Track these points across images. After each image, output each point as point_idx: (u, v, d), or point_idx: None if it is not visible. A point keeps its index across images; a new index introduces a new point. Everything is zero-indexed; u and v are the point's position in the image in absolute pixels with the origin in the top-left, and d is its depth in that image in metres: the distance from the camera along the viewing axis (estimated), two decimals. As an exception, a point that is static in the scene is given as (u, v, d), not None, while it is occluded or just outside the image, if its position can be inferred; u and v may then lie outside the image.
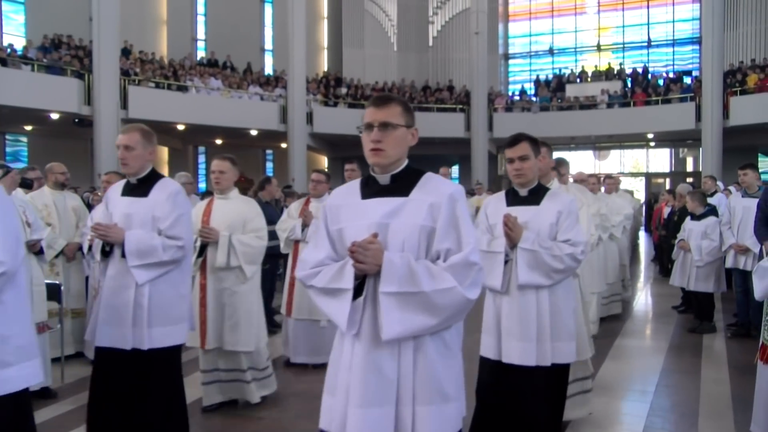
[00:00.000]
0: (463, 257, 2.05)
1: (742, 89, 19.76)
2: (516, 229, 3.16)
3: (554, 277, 3.19)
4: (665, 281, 8.84)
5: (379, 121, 2.14)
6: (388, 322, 1.99)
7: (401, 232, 2.09)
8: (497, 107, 23.71)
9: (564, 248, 3.18)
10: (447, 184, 2.18)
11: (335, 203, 2.27)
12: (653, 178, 24.88)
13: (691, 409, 4.49)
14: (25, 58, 16.58)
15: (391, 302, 2.00)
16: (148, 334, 3.30)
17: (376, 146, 2.14)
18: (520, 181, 3.32)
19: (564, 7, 27.00)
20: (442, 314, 2.02)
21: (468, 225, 2.11)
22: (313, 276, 2.16)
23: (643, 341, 6.78)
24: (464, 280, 2.03)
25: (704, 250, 6.81)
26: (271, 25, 25.55)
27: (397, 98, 2.23)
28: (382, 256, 2.00)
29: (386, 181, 2.19)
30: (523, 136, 3.30)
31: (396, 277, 1.99)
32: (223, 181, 4.45)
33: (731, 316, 7.05)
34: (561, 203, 3.28)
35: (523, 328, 3.19)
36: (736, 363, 5.60)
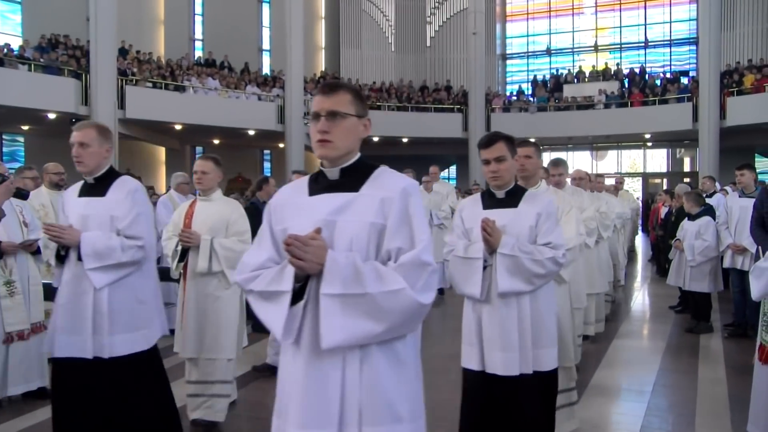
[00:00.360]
0: (415, 256, 1.87)
1: (738, 89, 19.80)
2: (495, 233, 2.99)
3: (536, 282, 3.04)
4: (662, 281, 8.85)
5: (327, 110, 1.96)
6: (329, 328, 1.80)
7: (349, 230, 1.92)
8: (495, 107, 23.74)
9: (545, 252, 3.03)
10: (400, 179, 2.01)
11: (280, 201, 2.10)
12: (650, 178, 24.95)
13: (688, 409, 4.50)
14: (22, 57, 16.54)
15: (333, 305, 1.80)
16: (110, 342, 3.12)
17: (323, 137, 1.96)
18: (496, 184, 3.15)
19: (561, 8, 27.03)
20: (390, 320, 1.82)
21: (422, 222, 1.94)
22: (252, 279, 1.97)
23: (640, 341, 6.79)
24: (415, 281, 1.84)
25: (696, 250, 6.83)
26: (269, 25, 25.54)
27: (346, 85, 2.06)
28: (325, 255, 1.82)
29: (335, 175, 2.02)
30: (498, 135, 3.14)
31: (340, 277, 1.80)
32: (206, 182, 4.21)
33: (728, 316, 7.06)
34: (540, 205, 3.13)
35: (505, 337, 3.05)
36: (733, 363, 5.61)
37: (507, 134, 3.19)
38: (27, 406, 4.51)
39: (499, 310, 3.07)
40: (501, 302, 3.06)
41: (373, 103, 23.08)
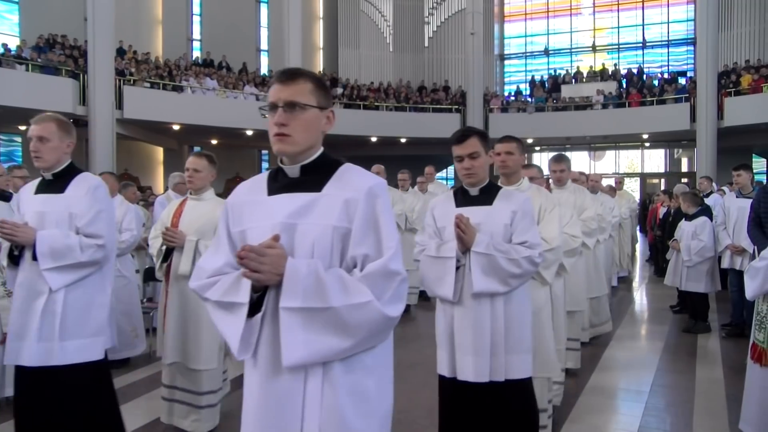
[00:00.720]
0: (382, 265, 1.71)
1: (736, 90, 19.85)
2: (469, 231, 2.84)
3: (511, 283, 2.88)
4: (660, 281, 8.86)
5: (285, 101, 1.78)
6: (291, 345, 1.64)
7: (311, 235, 1.75)
8: (493, 108, 23.76)
9: (521, 251, 2.88)
10: (366, 177, 1.83)
11: (238, 200, 1.92)
12: (648, 178, 25.00)
13: (686, 409, 4.50)
14: (20, 58, 16.52)
15: (294, 320, 1.65)
16: (61, 348, 2.91)
17: (280, 131, 1.78)
18: (470, 181, 3.02)
19: (559, 8, 27.06)
20: (356, 335, 1.68)
21: (390, 226, 1.77)
22: (208, 287, 1.81)
23: (638, 341, 6.80)
24: (383, 292, 1.70)
25: (693, 250, 6.85)
26: (267, 25, 25.54)
27: (307, 72, 1.86)
28: (285, 264, 1.65)
29: (295, 173, 1.85)
30: (471, 131, 3.00)
31: (300, 288, 1.65)
32: (197, 181, 4.01)
33: (726, 316, 7.08)
34: (515, 202, 2.98)
35: (477, 342, 2.88)
36: (730, 363, 5.62)
37: (480, 129, 3.08)
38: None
39: (472, 312, 2.91)
40: (474, 304, 2.91)
41: (371, 103, 23.09)
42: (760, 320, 3.49)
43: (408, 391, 4.57)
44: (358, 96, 23.45)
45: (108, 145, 16.38)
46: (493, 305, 2.92)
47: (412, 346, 5.94)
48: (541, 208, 3.44)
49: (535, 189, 3.57)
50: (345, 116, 22.35)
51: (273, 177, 1.91)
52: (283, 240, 1.73)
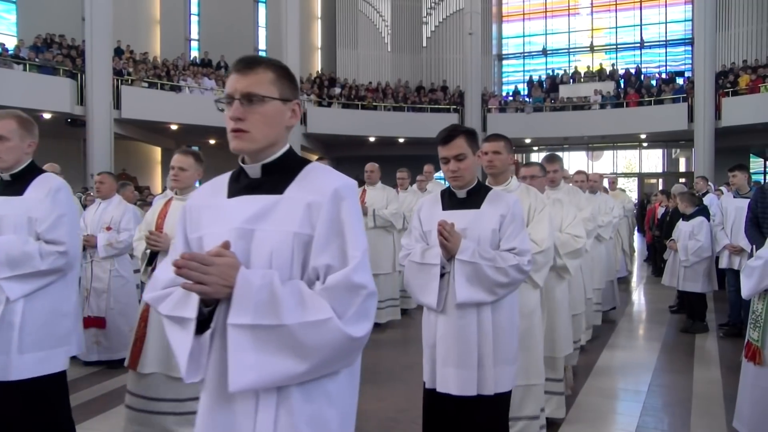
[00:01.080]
0: (344, 277, 1.52)
1: (734, 90, 19.89)
2: (453, 237, 2.67)
3: (498, 292, 2.72)
4: (658, 281, 8.87)
5: (242, 92, 1.61)
6: (238, 366, 1.46)
7: (269, 242, 1.57)
8: (491, 108, 23.78)
9: (508, 258, 2.72)
10: (332, 178, 1.64)
11: (196, 203, 1.75)
12: (646, 178, 25.03)
13: (683, 408, 4.51)
14: (17, 57, 16.50)
15: (243, 338, 1.46)
16: (19, 361, 2.73)
17: (236, 126, 1.61)
18: (456, 185, 2.85)
19: (557, 8, 27.09)
20: (314, 357, 1.48)
21: (357, 233, 1.58)
22: (161, 300, 1.62)
23: (635, 341, 6.81)
24: (345, 309, 1.50)
25: (690, 250, 6.86)
26: (265, 25, 25.53)
27: (268, 60, 1.68)
28: (235, 274, 1.47)
29: (256, 173, 1.68)
30: (458, 130, 2.81)
31: (252, 303, 1.46)
32: (183, 180, 3.79)
33: (724, 316, 7.09)
34: (504, 206, 2.80)
35: (462, 354, 2.72)
36: (728, 362, 5.63)
37: (468, 128, 2.91)
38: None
39: (457, 322, 2.75)
40: (458, 313, 2.75)
41: (370, 103, 23.10)
42: (755, 319, 3.50)
43: (406, 392, 4.58)
44: (356, 96, 23.45)
45: (106, 145, 16.37)
46: (479, 315, 2.76)
47: (411, 349, 5.95)
48: (531, 209, 3.32)
49: (524, 189, 3.42)
50: (343, 116, 22.39)
51: (235, 177, 1.74)
52: (239, 247, 1.56)
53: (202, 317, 1.54)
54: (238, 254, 1.54)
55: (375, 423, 4.15)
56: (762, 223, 5.53)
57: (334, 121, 21.99)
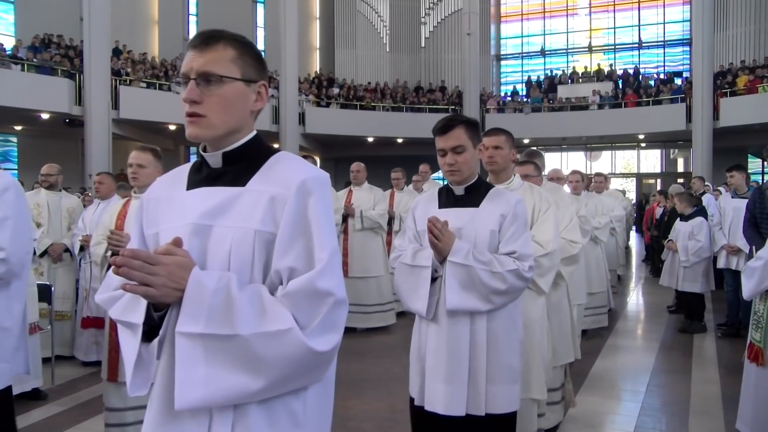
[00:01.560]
0: (308, 283, 1.33)
1: (732, 90, 19.92)
2: (445, 236, 2.43)
3: (494, 300, 2.47)
4: (656, 281, 8.88)
5: (198, 71, 1.42)
6: (186, 381, 1.29)
7: (227, 240, 1.40)
8: (489, 108, 23.79)
9: (507, 263, 2.47)
10: (300, 169, 1.45)
11: (154, 196, 1.57)
12: (644, 178, 25.06)
13: (681, 408, 4.51)
14: (15, 57, 16.48)
15: (193, 349, 1.29)
16: None
17: (192, 109, 1.43)
18: (454, 179, 2.61)
19: (556, 9, 27.13)
20: (272, 373, 1.30)
21: (325, 232, 1.39)
22: (112, 302, 1.47)
23: (634, 341, 6.81)
24: (309, 319, 1.32)
25: (690, 251, 6.87)
26: (263, 26, 25.52)
27: (229, 35, 1.48)
28: (186, 276, 1.30)
29: (217, 162, 1.49)
30: (457, 119, 2.56)
31: (205, 309, 1.28)
32: (142, 177, 3.57)
33: (722, 316, 7.10)
34: (505, 204, 2.56)
35: (452, 368, 2.48)
36: (726, 362, 5.64)
37: (468, 118, 2.66)
38: (21, 407, 4.48)
39: (447, 331, 2.51)
40: (450, 322, 2.50)
41: (368, 103, 23.10)
42: (757, 320, 3.49)
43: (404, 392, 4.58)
44: (355, 96, 23.45)
45: (104, 145, 16.34)
46: (473, 325, 2.51)
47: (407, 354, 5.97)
48: (535, 209, 3.13)
49: (528, 187, 3.20)
50: (341, 116, 22.39)
51: (196, 167, 1.55)
52: (194, 245, 1.39)
53: (153, 323, 1.37)
54: (193, 253, 1.37)
55: (374, 423, 4.15)
56: (760, 224, 5.54)
57: (333, 121, 21.98)
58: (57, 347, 5.38)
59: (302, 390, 1.40)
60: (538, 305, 3.11)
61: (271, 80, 22.22)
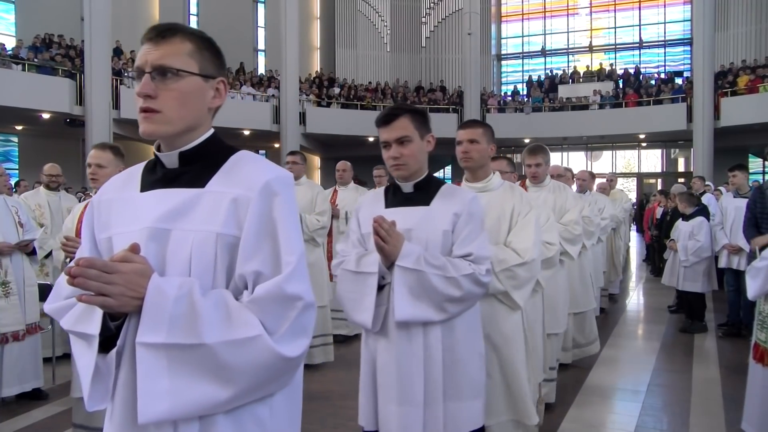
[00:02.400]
0: (276, 287, 1.28)
1: (732, 90, 19.92)
2: (393, 238, 2.16)
3: (448, 309, 2.21)
4: (657, 281, 8.88)
5: (153, 64, 1.36)
6: (149, 394, 1.23)
7: (187, 244, 1.33)
8: (490, 108, 23.79)
9: (461, 267, 2.21)
10: (263, 170, 1.39)
11: (105, 198, 1.49)
12: (645, 178, 25.06)
13: (682, 408, 4.51)
14: (16, 57, 16.49)
15: (156, 360, 1.23)
16: None
17: (146, 104, 1.36)
18: (399, 174, 2.34)
19: (556, 8, 27.13)
20: (240, 381, 1.26)
21: (292, 234, 1.34)
22: (64, 312, 1.40)
23: (635, 341, 6.81)
24: (277, 324, 1.28)
25: (690, 250, 6.87)
26: (264, 25, 25.54)
27: (186, 29, 1.42)
28: (146, 284, 1.24)
29: (173, 162, 1.42)
30: (401, 108, 2.31)
31: (166, 318, 1.23)
32: (102, 178, 3.26)
33: (723, 316, 7.10)
34: (459, 202, 2.30)
35: (405, 386, 2.22)
36: (727, 362, 5.63)
37: (415, 107, 2.42)
38: (21, 407, 4.50)
39: (398, 346, 2.24)
40: (401, 335, 2.23)
41: (369, 103, 23.09)
42: (762, 320, 3.48)
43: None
44: (355, 96, 23.45)
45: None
46: (427, 337, 2.25)
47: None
48: (514, 211, 2.80)
49: (508, 187, 2.91)
50: (342, 116, 22.37)
51: (150, 167, 1.47)
52: (152, 251, 1.32)
53: (109, 332, 1.31)
54: (151, 259, 1.31)
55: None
56: (761, 224, 5.53)
57: (333, 121, 21.98)
58: (58, 347, 5.38)
59: (268, 396, 1.36)
60: (514, 321, 2.76)
61: (271, 80, 22.26)
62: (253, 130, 20.65)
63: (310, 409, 2.10)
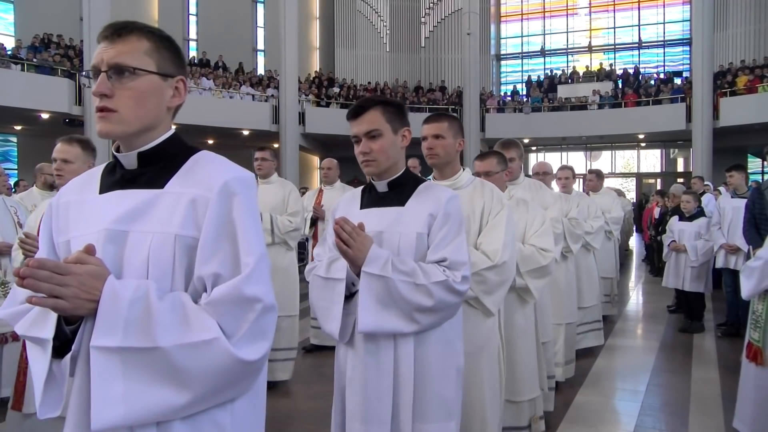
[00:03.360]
0: (233, 289, 1.25)
1: (731, 90, 19.92)
2: (357, 242, 1.98)
3: (419, 319, 2.01)
4: (656, 281, 8.90)
5: (109, 63, 1.34)
6: (103, 399, 1.19)
7: (144, 246, 1.30)
8: (489, 108, 23.79)
9: (433, 273, 2.01)
10: (222, 170, 1.36)
11: (63, 201, 1.46)
12: (644, 178, 25.07)
13: (681, 408, 4.52)
14: (15, 57, 16.49)
15: (109, 364, 1.19)
16: None
17: (102, 103, 1.34)
18: (370, 170, 2.17)
19: (556, 9, 27.13)
20: (197, 386, 1.22)
21: (251, 235, 1.31)
22: (19, 316, 1.36)
23: (634, 341, 6.82)
24: (235, 327, 1.25)
25: (700, 251, 6.88)
26: (263, 25, 25.52)
27: (143, 26, 1.42)
28: (101, 286, 1.21)
29: (132, 163, 1.39)
30: (372, 100, 2.17)
31: (121, 321, 1.20)
32: (68, 175, 3.00)
33: (721, 316, 7.11)
34: (435, 202, 2.11)
35: (371, 404, 2.04)
36: (726, 362, 5.64)
37: (388, 99, 2.26)
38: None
39: (365, 359, 2.05)
40: (369, 348, 2.05)
41: (368, 103, 23.07)
42: (755, 319, 3.50)
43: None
44: (355, 96, 23.42)
45: (104, 146, 16.31)
46: (398, 350, 2.06)
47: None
48: (485, 211, 2.62)
49: (479, 185, 2.70)
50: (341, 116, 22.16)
51: (110, 169, 1.44)
52: (108, 253, 1.30)
53: (65, 337, 1.28)
54: (108, 261, 1.28)
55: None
56: (759, 224, 5.55)
57: (333, 121, 21.91)
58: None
59: (229, 401, 1.32)
60: (486, 328, 2.58)
61: (271, 80, 22.25)
62: (253, 130, 20.64)
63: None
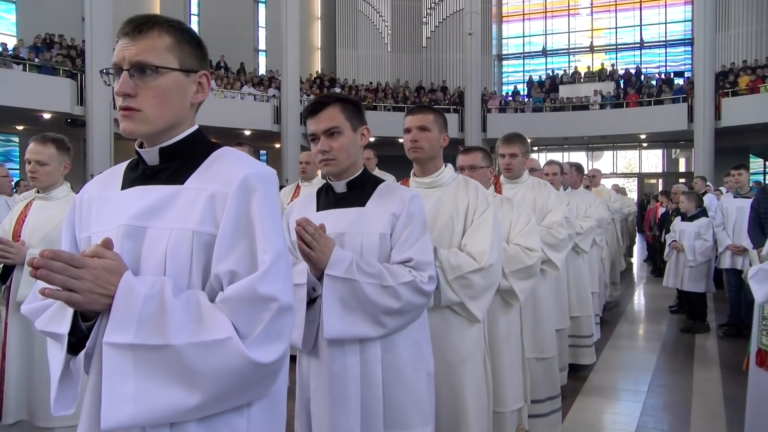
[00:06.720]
0: (248, 287, 1.22)
1: (733, 90, 19.91)
2: (320, 244, 1.89)
3: (387, 323, 1.93)
4: (658, 281, 8.87)
5: (131, 61, 1.32)
6: (114, 396, 1.16)
7: (162, 243, 1.29)
8: (491, 108, 23.78)
9: (400, 274, 1.93)
10: (242, 165, 1.34)
11: (87, 197, 1.45)
12: (646, 178, 25.04)
13: (683, 408, 4.51)
14: (17, 57, 16.49)
15: (121, 361, 1.17)
16: None
17: (125, 103, 1.32)
18: (329, 170, 2.06)
19: (557, 9, 27.11)
20: (209, 387, 1.18)
21: (270, 232, 1.27)
22: (39, 312, 1.35)
23: (635, 341, 6.80)
24: (250, 327, 1.21)
25: (698, 251, 6.87)
26: (265, 26, 25.52)
27: (165, 22, 1.38)
28: (117, 282, 1.19)
29: (154, 159, 1.38)
30: (331, 98, 2.07)
31: (135, 317, 1.17)
32: (43, 176, 2.96)
33: (723, 316, 7.10)
34: (398, 202, 2.04)
35: (338, 414, 1.94)
36: (728, 362, 5.63)
37: (347, 97, 2.14)
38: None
39: (331, 368, 1.95)
40: (333, 355, 1.95)
41: (369, 103, 23.09)
42: (767, 325, 3.40)
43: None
44: (356, 96, 23.47)
45: (106, 145, 16.36)
46: (364, 356, 1.97)
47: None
48: (469, 209, 2.50)
49: (462, 181, 2.59)
50: (343, 116, 22.36)
51: (133, 165, 1.44)
52: (126, 248, 1.28)
53: (82, 334, 1.27)
54: (125, 257, 1.27)
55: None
56: (765, 224, 5.54)
57: (334, 121, 21.99)
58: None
59: (245, 406, 1.29)
60: (472, 336, 2.46)
61: (272, 80, 22.26)
62: (254, 131, 20.64)
63: None
